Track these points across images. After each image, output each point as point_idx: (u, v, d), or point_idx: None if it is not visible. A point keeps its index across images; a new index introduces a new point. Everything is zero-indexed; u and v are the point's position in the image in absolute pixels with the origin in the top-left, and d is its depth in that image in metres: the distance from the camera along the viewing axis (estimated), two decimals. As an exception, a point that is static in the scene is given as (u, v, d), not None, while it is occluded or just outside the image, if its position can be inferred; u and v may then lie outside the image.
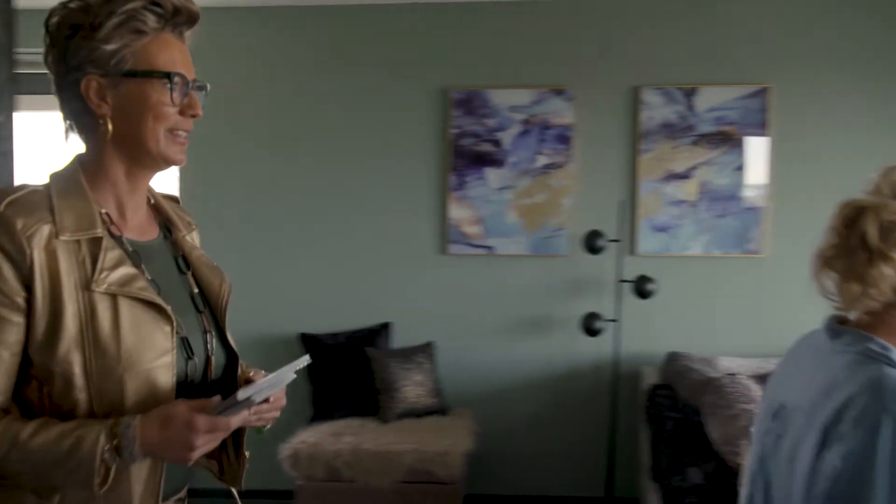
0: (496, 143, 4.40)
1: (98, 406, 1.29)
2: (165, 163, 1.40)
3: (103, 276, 1.30)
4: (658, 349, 4.37)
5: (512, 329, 4.50)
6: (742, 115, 4.27)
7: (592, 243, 4.11)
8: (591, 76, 4.37)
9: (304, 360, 1.40)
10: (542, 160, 4.38)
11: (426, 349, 4.36)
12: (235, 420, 1.29)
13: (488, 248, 4.45)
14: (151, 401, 1.31)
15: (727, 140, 4.28)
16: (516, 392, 4.54)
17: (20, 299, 1.27)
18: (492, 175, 4.41)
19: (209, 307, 1.50)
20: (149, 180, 1.46)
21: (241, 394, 1.26)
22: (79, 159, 1.40)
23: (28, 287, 1.27)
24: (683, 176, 4.31)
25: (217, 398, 1.30)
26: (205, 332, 1.45)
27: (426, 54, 4.47)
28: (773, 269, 4.36)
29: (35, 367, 1.29)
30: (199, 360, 1.41)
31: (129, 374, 1.29)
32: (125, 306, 1.31)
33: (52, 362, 1.27)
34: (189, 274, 1.51)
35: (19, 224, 1.26)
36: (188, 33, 1.41)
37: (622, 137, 4.37)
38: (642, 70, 4.33)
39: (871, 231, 1.30)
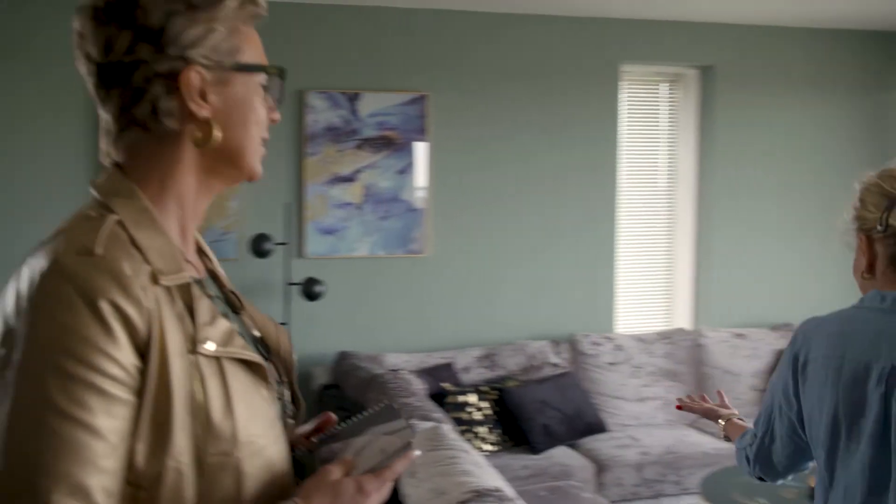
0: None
1: None
2: (250, 179, 1.10)
3: (204, 333, 0.97)
4: (329, 349, 4.44)
5: (178, 337, 4.32)
6: (403, 121, 4.46)
7: (259, 246, 4.07)
8: (256, 77, 4.31)
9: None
10: (207, 162, 4.25)
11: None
12: (400, 467, 1.07)
13: (150, 253, 4.22)
14: (268, 487, 1.01)
15: (389, 144, 4.45)
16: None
17: (135, 370, 0.92)
18: (152, 176, 4.20)
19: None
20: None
21: (416, 449, 1.10)
22: (128, 172, 1.03)
23: (143, 354, 0.92)
24: (349, 179, 4.42)
25: (349, 457, 1.07)
26: (279, 383, 1.14)
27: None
28: (434, 267, 4.61)
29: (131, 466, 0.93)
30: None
31: (246, 459, 0.97)
32: (231, 371, 0.98)
33: (164, 456, 0.93)
34: (244, 314, 1.16)
35: (127, 269, 0.92)
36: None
37: (288, 140, 4.37)
38: (307, 74, 4.36)
39: None
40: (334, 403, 3.52)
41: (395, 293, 4.58)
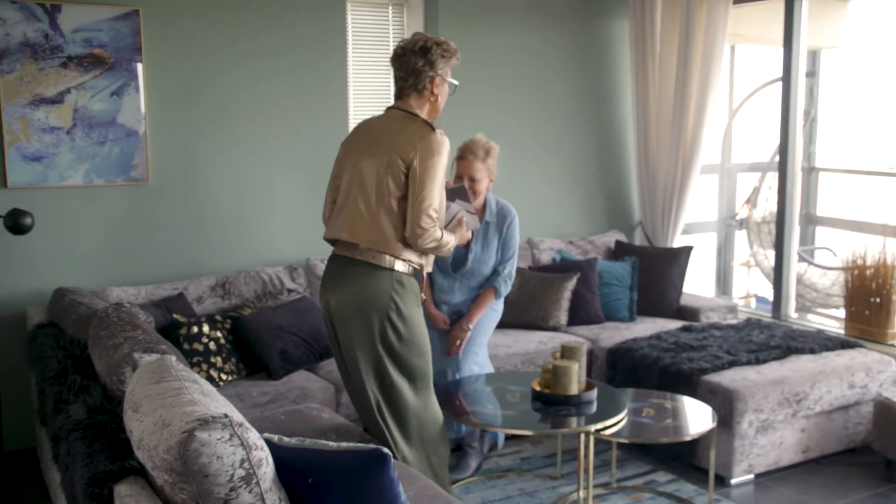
0: None
1: None
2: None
3: None
4: (44, 286, 4.11)
5: None
6: (114, 38, 4.12)
7: (-49, 177, 3.63)
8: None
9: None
10: None
11: None
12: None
13: None
14: None
15: (100, 63, 4.11)
16: None
17: None
18: None
19: None
20: None
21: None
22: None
23: None
24: (54, 101, 4.03)
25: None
26: None
27: None
28: (158, 195, 4.37)
29: None
30: None
31: None
32: None
33: None
34: None
35: None
36: None
37: (-21, 57, 3.90)
38: (-2, -18, 3.89)
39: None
40: (51, 342, 3.26)
41: (117, 224, 4.30)
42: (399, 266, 3.13)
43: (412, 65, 3.16)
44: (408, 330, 3.18)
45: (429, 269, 3.31)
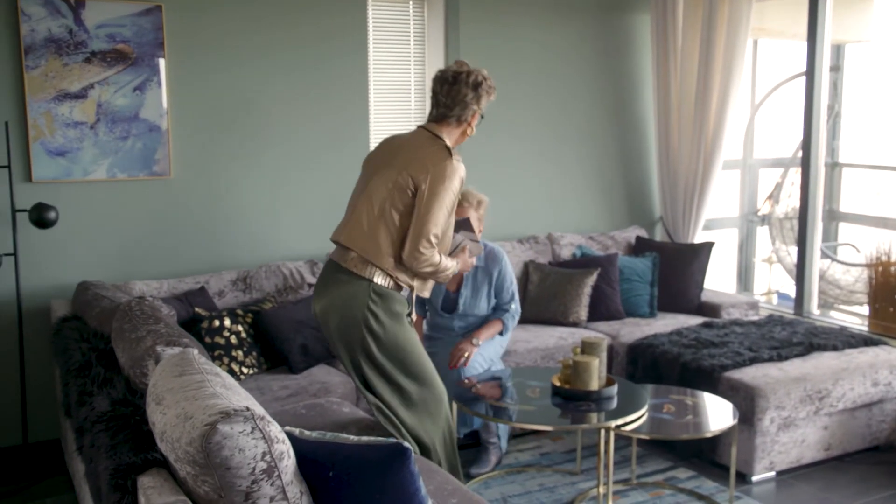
0: None
1: None
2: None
3: None
4: (68, 280, 4.14)
5: None
6: (137, 34, 4.14)
7: (-23, 171, 3.68)
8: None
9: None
10: None
11: None
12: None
13: None
14: None
15: (123, 59, 4.13)
16: None
17: None
18: None
19: None
20: None
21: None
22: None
23: None
24: (79, 96, 4.06)
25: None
26: None
27: None
28: (180, 190, 4.40)
29: None
30: None
31: None
32: None
33: None
34: None
35: None
36: None
37: (3, 52, 3.93)
38: (23, -22, 3.92)
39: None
40: (75, 335, 3.29)
41: (140, 218, 4.34)
42: (378, 279, 3.13)
43: (462, 96, 3.17)
44: (388, 338, 3.16)
45: (425, 294, 3.30)
